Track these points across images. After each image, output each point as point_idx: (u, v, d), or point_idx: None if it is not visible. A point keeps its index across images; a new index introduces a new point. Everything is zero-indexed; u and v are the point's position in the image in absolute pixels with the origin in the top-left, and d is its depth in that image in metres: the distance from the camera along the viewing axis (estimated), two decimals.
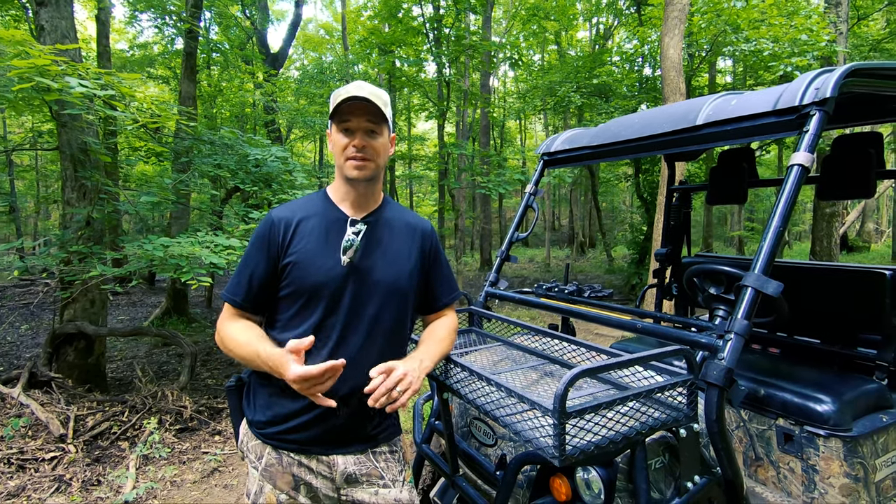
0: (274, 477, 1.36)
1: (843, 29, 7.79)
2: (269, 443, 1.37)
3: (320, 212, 1.42)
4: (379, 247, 1.41)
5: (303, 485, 1.36)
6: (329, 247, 1.36)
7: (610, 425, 1.17)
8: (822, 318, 2.23)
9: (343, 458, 1.37)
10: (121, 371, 5.72)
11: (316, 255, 1.35)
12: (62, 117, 4.29)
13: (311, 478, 1.36)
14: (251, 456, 1.40)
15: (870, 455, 1.71)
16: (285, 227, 1.37)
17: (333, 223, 1.40)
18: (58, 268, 4.30)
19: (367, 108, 1.33)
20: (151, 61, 13.95)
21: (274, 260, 1.36)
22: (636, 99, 10.63)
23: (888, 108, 2.17)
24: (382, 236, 1.43)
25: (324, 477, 1.37)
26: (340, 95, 1.33)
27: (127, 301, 10.23)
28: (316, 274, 1.34)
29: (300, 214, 1.40)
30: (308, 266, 1.34)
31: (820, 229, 8.24)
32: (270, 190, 5.52)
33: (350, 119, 1.34)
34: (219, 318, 1.43)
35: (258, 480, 1.37)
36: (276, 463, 1.36)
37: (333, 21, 24.97)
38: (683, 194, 3.07)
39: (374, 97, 1.33)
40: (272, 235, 1.37)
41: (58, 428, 3.59)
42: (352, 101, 1.31)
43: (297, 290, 1.34)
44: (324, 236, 1.37)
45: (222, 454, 3.70)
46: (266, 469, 1.36)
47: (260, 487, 1.37)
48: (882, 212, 23.49)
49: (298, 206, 1.44)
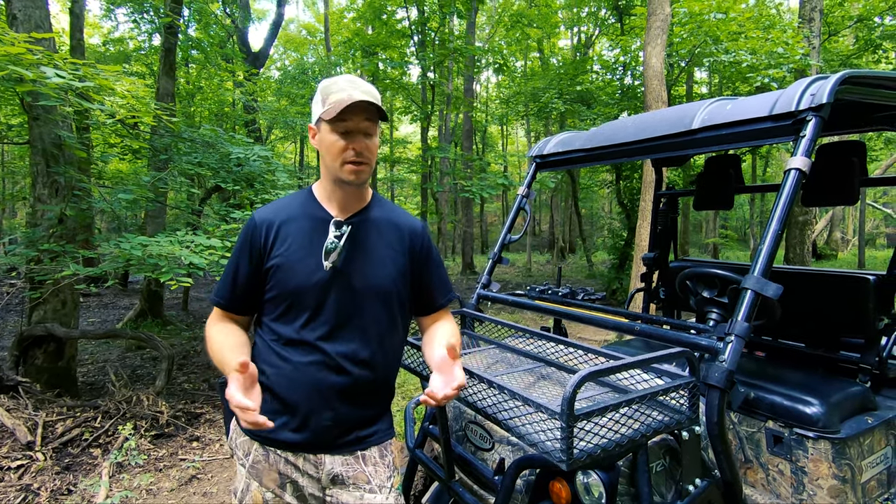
0: (260, 474, 1.34)
1: (815, 43, 8.06)
2: (257, 440, 1.35)
3: (304, 212, 1.37)
4: (363, 249, 1.36)
5: (289, 483, 1.34)
6: (313, 249, 1.32)
7: (616, 428, 1.16)
8: (806, 321, 2.27)
9: (331, 457, 1.34)
10: (93, 375, 5.50)
11: (299, 259, 1.31)
12: (34, 110, 4.12)
13: (297, 476, 1.34)
14: (239, 452, 1.38)
15: (857, 456, 1.74)
16: (267, 229, 1.34)
17: (318, 224, 1.35)
18: (26, 267, 4.11)
19: (366, 107, 1.26)
20: (127, 57, 13.58)
21: (257, 263, 1.33)
22: (618, 106, 10.81)
23: (872, 118, 2.23)
24: (368, 238, 1.37)
25: (310, 476, 1.34)
26: (337, 95, 1.26)
27: (98, 303, 9.89)
28: (298, 278, 1.30)
29: (283, 215, 1.37)
30: (291, 270, 1.31)
31: (794, 237, 8.49)
32: (253, 190, 5.41)
33: (348, 119, 1.26)
34: (208, 321, 1.41)
35: (245, 478, 1.36)
36: (262, 460, 1.34)
37: (316, 22, 24.78)
38: (670, 199, 3.12)
39: (371, 96, 1.27)
40: (255, 238, 1.34)
41: (25, 435, 3.42)
42: (352, 102, 1.24)
43: (281, 293, 1.32)
44: (307, 238, 1.33)
45: (201, 461, 3.58)
46: (253, 466, 1.34)
47: (246, 485, 1.35)
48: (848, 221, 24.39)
49: (282, 206, 1.40)
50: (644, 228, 6.26)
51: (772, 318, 1.79)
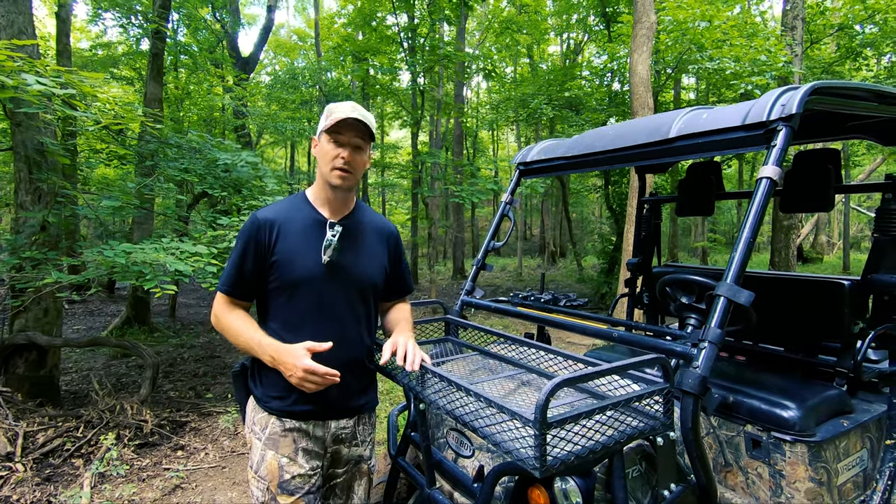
0: (277, 443, 1.53)
1: (798, 51, 8.20)
2: (274, 413, 1.54)
3: (302, 214, 1.60)
4: (354, 246, 1.62)
5: (301, 449, 1.54)
6: (310, 246, 1.55)
7: (590, 435, 1.17)
8: (785, 326, 2.30)
9: (336, 422, 1.61)
10: (76, 384, 5.42)
11: (299, 254, 1.54)
12: (17, 116, 4.07)
13: (307, 442, 1.55)
14: (256, 428, 1.57)
15: (832, 459, 1.76)
16: (270, 227, 1.54)
17: (313, 224, 1.59)
18: (8, 275, 4.05)
19: (358, 127, 1.53)
20: (115, 62, 13.48)
21: (262, 257, 1.54)
22: (606, 112, 10.90)
23: (844, 127, 2.28)
24: (357, 237, 1.63)
25: (318, 438, 1.57)
26: (338, 113, 1.51)
27: (84, 310, 9.76)
28: (299, 270, 1.53)
29: (284, 216, 1.58)
30: (292, 263, 1.53)
31: (779, 241, 8.60)
32: (240, 196, 5.38)
33: (343, 133, 1.53)
34: (214, 306, 1.61)
35: (261, 449, 1.54)
36: (279, 430, 1.54)
37: (306, 27, 24.78)
38: (653, 205, 3.15)
39: (367, 119, 1.54)
40: (260, 235, 1.53)
41: (4, 446, 3.36)
42: (348, 120, 1.51)
43: (284, 284, 1.54)
44: (305, 236, 1.56)
45: (185, 470, 3.54)
46: (270, 437, 1.54)
47: (262, 456, 1.54)
48: (833, 225, 24.75)
49: (281, 208, 1.62)
50: (631, 233, 6.31)
51: (748, 324, 1.82)
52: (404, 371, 1.48)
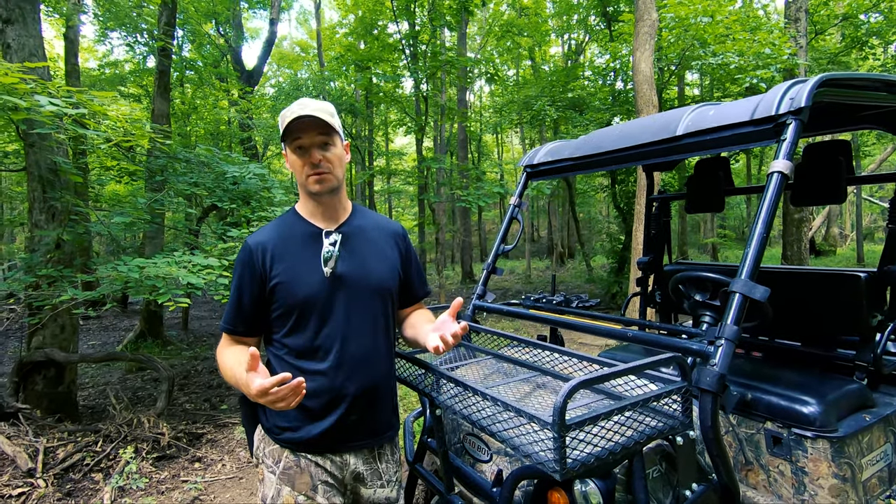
0: (293, 479, 1.41)
1: (802, 43, 8.14)
2: (287, 446, 1.43)
3: (294, 231, 1.48)
4: (359, 252, 1.48)
5: (320, 484, 1.42)
6: (310, 262, 1.42)
7: (608, 436, 1.16)
8: (801, 321, 2.27)
9: (354, 457, 1.46)
10: (93, 399, 5.48)
11: (299, 272, 1.41)
12: (30, 137, 4.15)
13: (326, 477, 1.43)
14: (268, 461, 1.45)
15: (856, 455, 1.74)
16: (263, 251, 1.43)
17: (308, 238, 1.46)
18: (25, 293, 4.12)
19: (315, 123, 1.38)
20: (122, 80, 13.70)
21: (260, 284, 1.42)
22: (609, 112, 10.88)
23: (855, 118, 2.26)
24: (360, 242, 1.50)
25: (336, 476, 1.45)
26: (287, 117, 1.38)
27: (98, 325, 9.88)
28: (302, 289, 1.40)
29: (275, 237, 1.47)
30: (293, 283, 1.40)
31: (790, 234, 8.50)
32: (249, 207, 5.43)
33: (301, 136, 1.39)
34: (218, 346, 1.50)
35: (276, 484, 1.42)
36: (294, 465, 1.42)
37: (309, 38, 25.03)
38: (662, 203, 3.13)
39: (320, 111, 1.38)
40: (254, 262, 1.42)
41: (26, 462, 3.40)
42: (299, 120, 1.36)
43: (289, 307, 1.40)
44: (302, 253, 1.44)
45: (203, 481, 3.56)
46: (284, 472, 1.42)
47: (277, 491, 1.42)
48: (845, 216, 24.42)
49: (272, 228, 1.50)
50: (640, 232, 6.28)
51: (764, 319, 1.80)
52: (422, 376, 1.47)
